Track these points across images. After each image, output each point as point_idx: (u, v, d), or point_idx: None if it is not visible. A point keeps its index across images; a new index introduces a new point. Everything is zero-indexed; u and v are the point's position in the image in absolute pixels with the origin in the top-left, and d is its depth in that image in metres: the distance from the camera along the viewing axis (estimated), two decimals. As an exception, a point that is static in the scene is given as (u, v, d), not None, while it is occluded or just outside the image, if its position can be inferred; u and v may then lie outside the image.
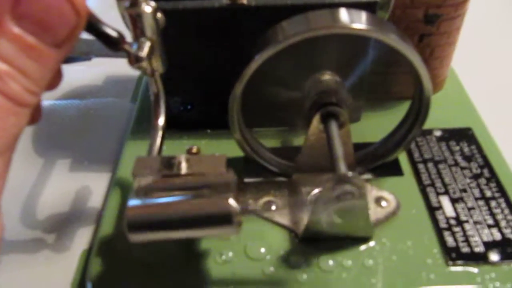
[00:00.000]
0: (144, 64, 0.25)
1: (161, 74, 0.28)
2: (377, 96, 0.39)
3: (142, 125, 0.39)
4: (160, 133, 0.28)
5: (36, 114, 0.24)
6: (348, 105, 0.30)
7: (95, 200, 0.36)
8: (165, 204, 0.24)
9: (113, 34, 0.23)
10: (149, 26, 0.26)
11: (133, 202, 0.24)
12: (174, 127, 0.34)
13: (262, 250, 0.29)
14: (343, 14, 0.27)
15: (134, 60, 0.25)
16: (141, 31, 0.26)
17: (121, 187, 0.34)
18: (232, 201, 0.23)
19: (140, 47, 0.25)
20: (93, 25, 0.23)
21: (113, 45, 0.24)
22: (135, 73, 0.49)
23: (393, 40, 0.27)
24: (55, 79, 0.24)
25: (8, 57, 0.18)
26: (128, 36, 0.26)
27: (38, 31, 0.18)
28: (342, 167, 0.26)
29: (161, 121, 0.29)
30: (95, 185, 0.38)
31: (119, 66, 0.49)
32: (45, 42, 0.18)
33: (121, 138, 0.41)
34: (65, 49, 0.19)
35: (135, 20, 0.26)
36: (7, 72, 0.18)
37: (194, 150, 0.28)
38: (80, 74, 0.49)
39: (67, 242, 0.34)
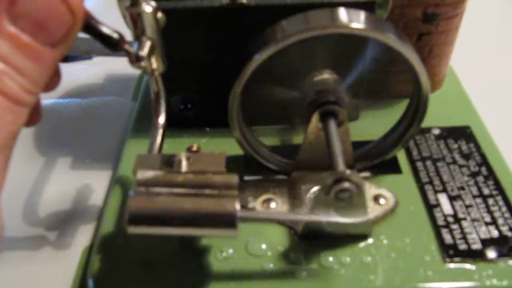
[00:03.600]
0: (144, 63, 0.26)
1: (162, 73, 0.29)
2: (375, 95, 0.39)
3: (143, 123, 0.39)
4: (160, 132, 0.29)
5: (35, 116, 0.25)
6: (347, 104, 0.30)
7: (96, 198, 0.37)
8: (167, 200, 0.24)
9: (113, 35, 0.23)
10: (149, 25, 0.26)
11: (135, 195, 0.24)
12: (174, 126, 0.34)
13: (263, 246, 0.29)
14: (342, 14, 0.27)
15: (135, 59, 0.25)
16: (142, 31, 0.26)
17: (122, 185, 0.34)
18: (236, 205, 0.24)
19: (140, 46, 0.25)
20: (92, 26, 0.23)
21: (113, 46, 0.24)
22: (136, 71, 0.49)
23: (391, 39, 0.27)
24: (54, 80, 0.25)
25: (4, 56, 0.18)
26: (129, 36, 0.26)
27: (34, 31, 0.18)
28: (341, 165, 0.26)
29: (161, 119, 0.29)
30: (96, 183, 0.38)
31: (120, 65, 0.49)
32: (40, 42, 0.19)
33: (122, 137, 0.42)
34: (61, 49, 0.20)
35: (135, 19, 0.26)
36: (3, 70, 0.18)
37: (194, 148, 0.28)
38: (81, 73, 0.49)
39: (68, 239, 0.34)
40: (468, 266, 0.28)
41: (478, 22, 0.52)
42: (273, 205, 0.32)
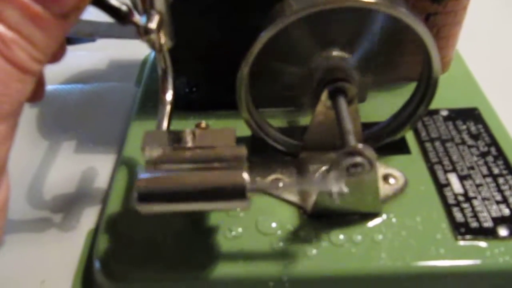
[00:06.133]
0: (153, 36, 0.25)
1: (169, 50, 0.28)
2: (383, 77, 0.39)
3: (147, 107, 0.39)
4: (168, 108, 0.28)
5: (39, 90, 0.25)
6: (356, 82, 0.30)
7: (101, 180, 0.36)
8: (176, 175, 0.23)
9: (121, 7, 0.23)
10: (158, -1, 0.26)
11: (143, 173, 0.24)
12: (180, 108, 0.33)
13: (273, 225, 0.29)
14: (352, -12, 0.27)
15: (144, 32, 0.25)
16: (150, 5, 0.26)
17: (127, 167, 0.34)
18: (245, 175, 0.23)
19: (149, 19, 0.25)
20: None
21: (121, 19, 0.24)
22: (139, 57, 0.49)
23: (403, 14, 0.27)
24: (59, 51, 0.25)
25: (15, 24, 0.18)
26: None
27: (45, 1, 0.18)
28: (352, 140, 0.26)
29: (169, 96, 0.28)
30: (101, 167, 0.38)
31: (123, 50, 0.50)
32: (51, 12, 0.19)
33: (125, 121, 0.41)
34: (71, 20, 0.20)
35: (143, -7, 0.26)
36: (13, 39, 0.18)
37: (203, 125, 0.27)
38: (83, 59, 0.49)
39: (74, 221, 0.34)
40: (480, 243, 0.28)
41: (486, 3, 0.52)
42: (281, 185, 0.31)
